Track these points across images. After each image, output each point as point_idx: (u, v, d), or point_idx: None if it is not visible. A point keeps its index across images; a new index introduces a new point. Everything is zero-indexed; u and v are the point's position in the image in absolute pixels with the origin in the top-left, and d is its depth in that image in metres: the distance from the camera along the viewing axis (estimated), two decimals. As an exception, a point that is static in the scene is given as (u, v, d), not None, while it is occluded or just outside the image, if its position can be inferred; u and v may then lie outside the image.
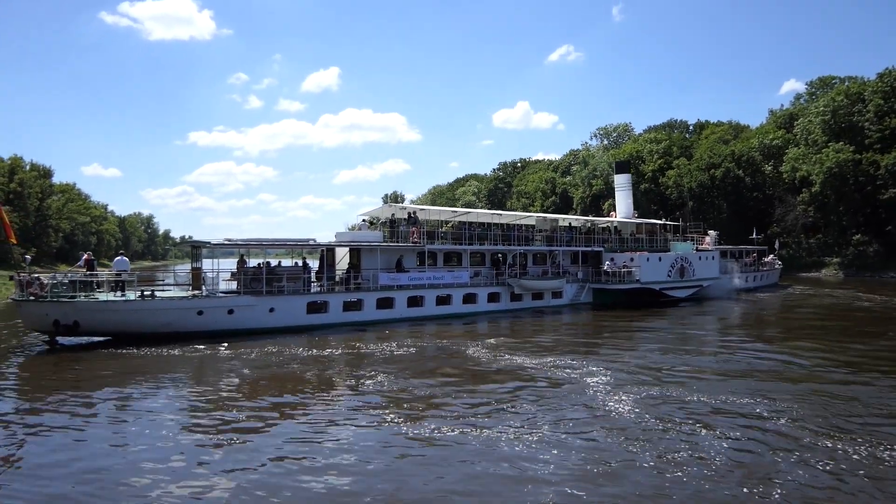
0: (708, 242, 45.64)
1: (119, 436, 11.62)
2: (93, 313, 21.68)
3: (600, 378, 16.04)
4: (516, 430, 11.63)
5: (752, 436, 11.24)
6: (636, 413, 12.73)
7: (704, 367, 18.00)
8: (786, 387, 15.08)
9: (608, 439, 11.13)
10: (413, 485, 9.26)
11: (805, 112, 75.60)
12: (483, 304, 32.05)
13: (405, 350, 20.68)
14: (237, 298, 24.55)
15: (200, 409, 13.66)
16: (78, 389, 15.34)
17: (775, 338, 24.34)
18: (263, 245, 27.49)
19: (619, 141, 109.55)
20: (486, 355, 19.60)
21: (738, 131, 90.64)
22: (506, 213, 41.67)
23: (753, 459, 10.11)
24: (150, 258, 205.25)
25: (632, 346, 22.42)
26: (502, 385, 15.58)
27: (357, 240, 30.48)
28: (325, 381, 16.43)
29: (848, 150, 64.35)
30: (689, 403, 13.50)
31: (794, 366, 17.93)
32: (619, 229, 43.66)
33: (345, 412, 13.28)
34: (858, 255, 65.10)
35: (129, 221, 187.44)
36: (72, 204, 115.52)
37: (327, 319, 26.37)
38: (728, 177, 75.15)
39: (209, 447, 10.99)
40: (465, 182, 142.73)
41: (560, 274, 35.99)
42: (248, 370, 17.57)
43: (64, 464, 10.15)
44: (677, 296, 38.54)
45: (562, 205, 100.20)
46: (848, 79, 77.95)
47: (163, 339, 21.80)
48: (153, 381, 16.22)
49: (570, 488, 9.06)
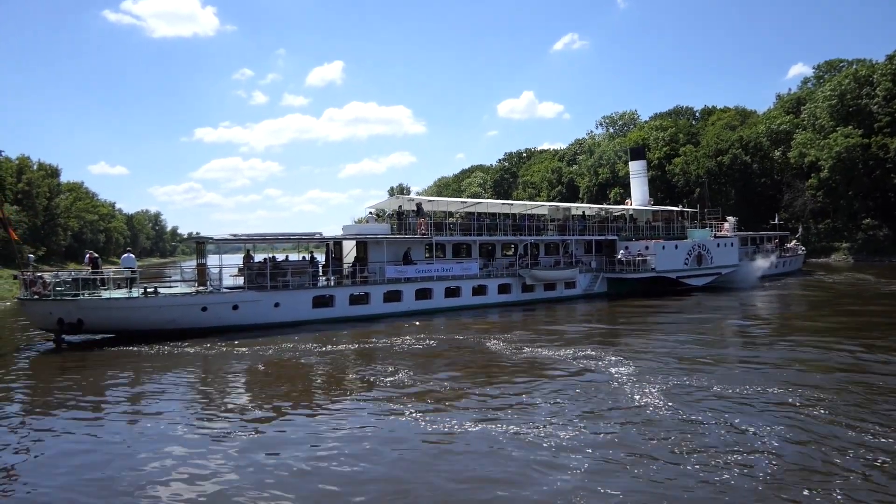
0: (727, 229, 44.56)
1: (126, 433, 11.55)
2: (96, 311, 21.69)
3: (624, 369, 15.62)
4: (543, 425, 11.23)
5: (798, 431, 10.67)
6: (668, 406, 12.24)
7: (731, 356, 17.57)
8: (822, 377, 14.57)
9: (643, 434, 10.68)
10: (438, 482, 9.02)
11: (813, 96, 74.73)
12: (493, 295, 31.60)
13: (415, 343, 20.40)
14: (241, 294, 24.46)
15: (207, 405, 13.59)
16: (83, 388, 15.31)
17: (804, 325, 23.78)
18: (268, 239, 27.28)
19: (625, 129, 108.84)
20: (500, 347, 19.34)
21: (746, 117, 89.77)
22: (517, 203, 40.83)
23: (803, 458, 9.53)
24: (159, 255, 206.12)
25: (653, 335, 21.94)
26: (521, 378, 15.20)
27: (364, 233, 30.12)
28: (336, 376, 16.23)
29: (856, 135, 63.63)
30: (722, 395, 13.06)
31: (829, 353, 17.28)
32: (635, 217, 42.78)
33: (358, 407, 13.10)
34: (868, 240, 64.49)
35: (136, 219, 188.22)
36: (80, 202, 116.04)
37: (334, 314, 26.19)
38: (736, 163, 74.51)
39: (218, 443, 10.87)
40: (470, 173, 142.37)
41: (573, 264, 35.41)
42: (255, 366, 17.50)
43: (72, 461, 10.10)
44: (695, 284, 37.84)
45: (568, 194, 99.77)
46: (856, 62, 76.85)
47: (168, 335, 21.79)
48: (159, 379, 16.17)
49: (609, 487, 8.75)
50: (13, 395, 15.08)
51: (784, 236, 53.91)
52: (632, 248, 36.86)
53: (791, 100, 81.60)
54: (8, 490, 9.13)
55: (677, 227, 42.22)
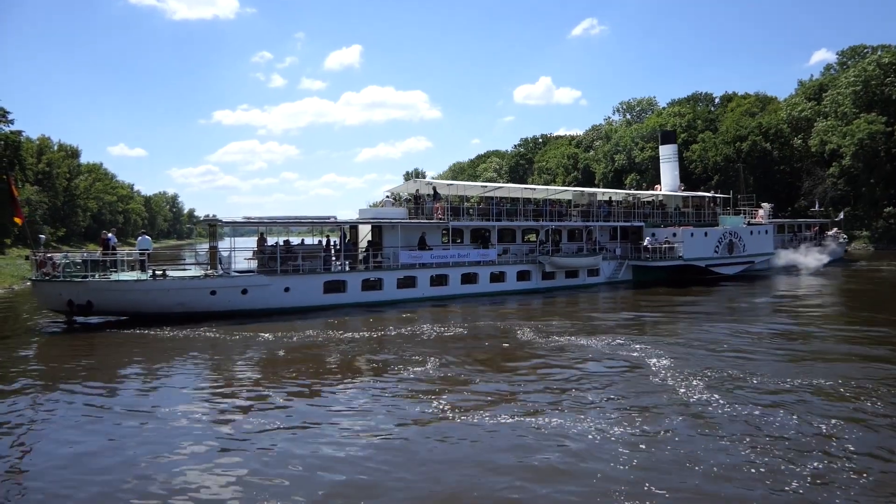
0: (761, 216, 43.14)
1: (133, 422, 11.48)
2: (105, 293, 21.72)
3: (660, 360, 15.09)
4: (578, 419, 10.81)
5: (855, 427, 10.28)
6: (714, 400, 11.75)
7: (769, 347, 16.96)
8: (866, 369, 14.02)
9: (693, 431, 10.20)
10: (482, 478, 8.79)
11: (835, 83, 73.02)
12: (512, 282, 30.91)
13: (430, 331, 20.01)
14: (251, 278, 24.36)
15: (216, 391, 13.55)
16: (91, 370, 15.37)
17: (847, 317, 23.02)
18: (280, 222, 26.98)
19: (643, 115, 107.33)
20: (521, 336, 18.91)
21: (766, 103, 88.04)
22: (539, 188, 39.68)
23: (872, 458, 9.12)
24: (176, 237, 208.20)
25: (678, 324, 21.35)
26: (545, 368, 14.77)
27: (379, 217, 29.56)
28: (345, 364, 15.95)
29: (880, 122, 62.22)
30: (766, 388, 12.63)
31: (876, 346, 16.58)
32: (664, 203, 41.30)
33: (373, 395, 12.79)
34: (889, 229, 63.31)
35: (154, 201, 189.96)
36: (98, 184, 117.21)
37: (346, 299, 25.90)
38: (755, 150, 73.25)
39: (228, 430, 10.74)
40: (485, 159, 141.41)
41: (596, 251, 34.48)
42: (264, 351, 17.43)
43: (78, 448, 10.07)
44: (725, 273, 36.65)
45: (583, 180, 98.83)
46: (881, 48, 74.87)
47: (177, 318, 21.82)
48: (167, 363, 16.16)
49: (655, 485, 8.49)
50: (20, 376, 15.06)
51: (825, 224, 51.79)
52: (659, 234, 35.81)
53: (813, 86, 79.80)
54: (12, 476, 9.09)
55: (709, 214, 40.93)
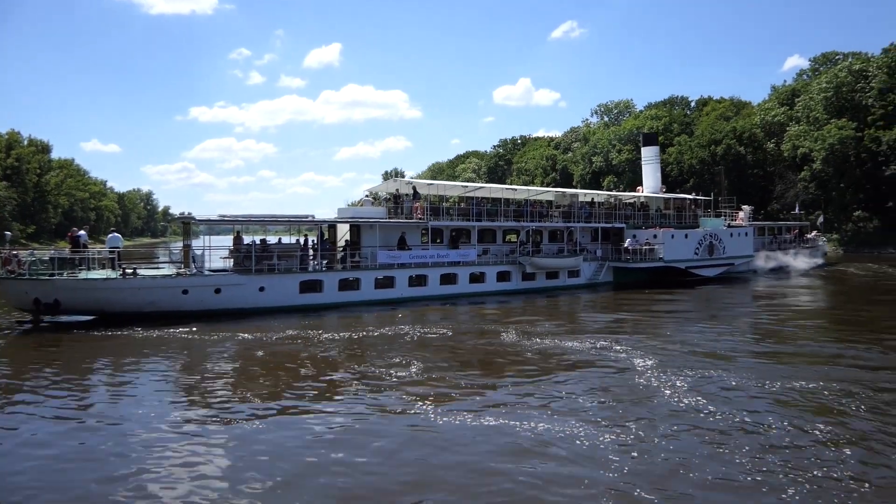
0: (741, 218, 43.16)
1: (103, 425, 11.24)
2: (73, 292, 21.21)
3: (645, 361, 15.03)
4: (562, 423, 10.62)
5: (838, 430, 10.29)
6: (701, 404, 11.63)
7: (748, 349, 17.07)
8: (854, 373, 13.97)
9: (683, 435, 10.10)
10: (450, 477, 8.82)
11: (808, 88, 74.58)
12: (492, 283, 30.68)
13: (410, 332, 19.75)
14: (225, 277, 23.97)
15: (188, 394, 13.30)
16: (57, 373, 15.00)
17: (823, 318, 23.42)
18: (255, 221, 26.51)
19: (620, 118, 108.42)
20: (502, 338, 18.74)
21: (740, 108, 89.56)
22: (521, 188, 39.30)
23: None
24: (150, 235, 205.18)
25: (656, 327, 21.18)
26: (529, 371, 14.59)
27: (358, 216, 29.16)
28: (326, 365, 15.69)
29: (850, 127, 63.66)
30: (754, 391, 12.57)
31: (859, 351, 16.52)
32: (646, 204, 41.38)
33: (349, 399, 12.63)
34: (858, 232, 64.77)
35: (128, 198, 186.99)
36: (70, 180, 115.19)
37: (322, 299, 25.57)
38: (729, 153, 74.46)
39: (201, 435, 10.50)
40: (465, 159, 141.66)
41: (577, 252, 34.35)
42: (238, 353, 17.17)
43: (45, 453, 9.81)
44: (706, 275, 36.75)
45: (562, 182, 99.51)
46: (852, 55, 76.68)
47: (148, 318, 21.37)
48: (138, 364, 15.82)
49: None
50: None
51: (804, 227, 52.24)
52: (639, 236, 35.78)
53: (786, 91, 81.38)
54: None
55: (690, 216, 41.08)
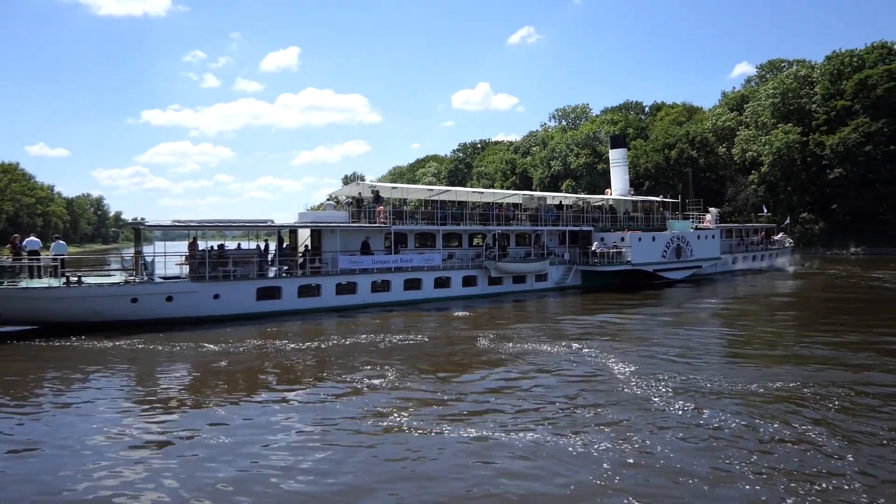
0: (709, 221, 43.33)
1: (46, 442, 10.63)
2: (12, 301, 20.20)
3: (618, 366, 14.87)
4: (527, 429, 10.42)
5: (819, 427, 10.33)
6: (678, 404, 11.64)
7: (718, 349, 17.20)
8: (828, 373, 14.08)
9: (680, 442, 9.89)
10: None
11: (755, 95, 77.09)
12: (457, 288, 30.18)
13: (372, 339, 19.34)
14: (177, 284, 23.14)
15: (137, 408, 12.70)
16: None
17: (795, 319, 23.61)
18: (207, 226, 25.61)
19: (577, 122, 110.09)
20: (468, 344, 18.37)
21: (692, 113, 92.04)
22: (487, 192, 38.59)
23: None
24: (101, 241, 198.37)
25: (640, 330, 21.01)
26: (496, 376, 14.40)
27: (318, 220, 28.51)
28: (282, 376, 15.28)
29: (795, 132, 65.98)
30: (733, 393, 12.53)
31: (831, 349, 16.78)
32: (615, 207, 41.04)
33: (308, 410, 12.34)
34: (804, 233, 67.14)
35: (77, 203, 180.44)
36: (15, 185, 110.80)
37: (280, 306, 24.93)
38: (682, 157, 76.34)
39: (151, 452, 10.04)
40: (425, 163, 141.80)
41: (544, 255, 34.01)
42: (189, 363, 16.59)
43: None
44: (673, 277, 36.75)
45: (521, 185, 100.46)
46: (796, 62, 79.65)
47: (95, 328, 20.51)
48: (79, 378, 15.04)
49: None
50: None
51: (770, 229, 52.65)
52: (607, 239, 35.47)
53: (735, 97, 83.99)
54: None
55: (658, 219, 41.01)
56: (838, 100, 65.83)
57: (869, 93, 62.19)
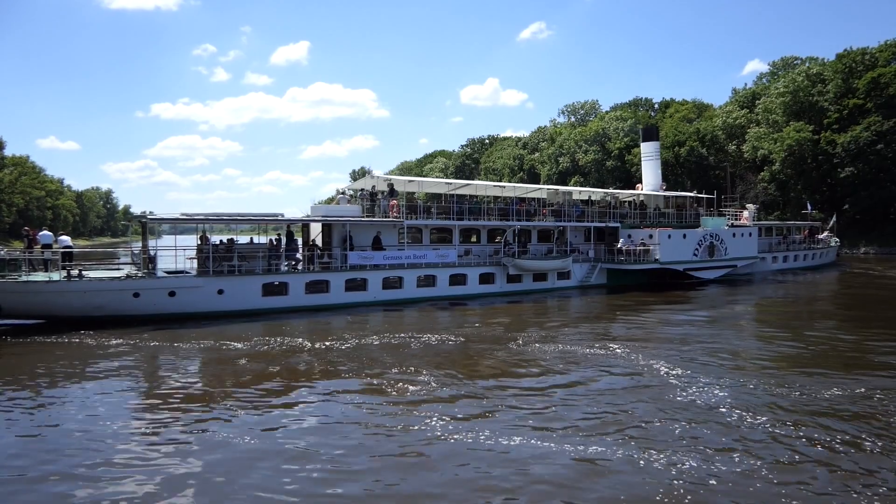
0: (746, 217, 41.32)
1: (51, 436, 10.70)
2: (14, 295, 20.16)
3: (660, 370, 14.27)
4: (566, 440, 9.95)
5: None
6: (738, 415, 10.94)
7: (758, 354, 16.59)
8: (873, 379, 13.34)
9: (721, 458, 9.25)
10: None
11: (767, 92, 76.38)
12: (474, 286, 29.23)
13: (381, 339, 18.67)
14: (179, 279, 22.85)
15: (140, 404, 12.75)
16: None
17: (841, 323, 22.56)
18: (218, 219, 25.40)
19: (587, 118, 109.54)
20: (483, 344, 17.76)
21: (702, 110, 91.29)
22: (509, 185, 37.55)
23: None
24: (110, 234, 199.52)
25: (645, 333, 20.10)
26: (514, 382, 13.71)
27: (328, 214, 27.80)
28: (287, 376, 15.01)
29: (807, 130, 65.35)
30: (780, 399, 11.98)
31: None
32: (645, 203, 39.43)
33: (315, 412, 12.18)
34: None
35: (86, 196, 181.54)
36: (25, 178, 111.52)
37: (287, 303, 24.49)
38: (692, 155, 75.81)
39: (156, 452, 9.96)
40: (433, 158, 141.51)
41: (567, 252, 32.80)
42: (192, 361, 16.51)
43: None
44: (706, 277, 35.23)
45: (529, 181, 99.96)
46: (809, 59, 78.86)
47: (98, 323, 20.43)
48: (79, 374, 15.00)
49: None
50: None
51: (815, 227, 50.40)
52: (635, 236, 34.08)
53: (746, 95, 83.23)
54: None
55: (691, 215, 39.33)
56: (850, 98, 65.12)
57: (882, 91, 61.53)
